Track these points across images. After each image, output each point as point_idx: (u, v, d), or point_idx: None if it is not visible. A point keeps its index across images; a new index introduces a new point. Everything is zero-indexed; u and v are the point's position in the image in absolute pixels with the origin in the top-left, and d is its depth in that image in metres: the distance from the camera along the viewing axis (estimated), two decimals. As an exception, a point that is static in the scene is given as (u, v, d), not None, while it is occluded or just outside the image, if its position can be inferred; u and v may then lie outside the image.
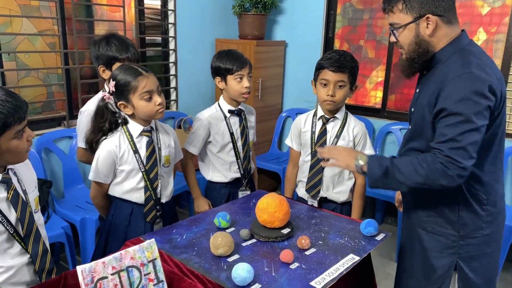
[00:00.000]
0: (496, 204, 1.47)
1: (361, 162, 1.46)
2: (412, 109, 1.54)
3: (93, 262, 1.11)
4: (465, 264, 1.49)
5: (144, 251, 1.21)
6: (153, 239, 1.25)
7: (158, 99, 1.67)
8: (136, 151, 1.72)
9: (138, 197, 1.76)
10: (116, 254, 1.16)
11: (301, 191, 2.08)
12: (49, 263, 1.38)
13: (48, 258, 1.38)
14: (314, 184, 2.00)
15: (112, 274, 1.13)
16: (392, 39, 1.48)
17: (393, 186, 1.44)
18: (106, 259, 1.13)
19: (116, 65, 1.87)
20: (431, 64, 1.46)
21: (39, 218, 1.40)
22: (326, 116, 1.99)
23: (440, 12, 1.38)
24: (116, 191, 1.77)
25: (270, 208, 1.52)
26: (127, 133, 1.72)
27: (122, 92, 1.65)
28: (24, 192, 1.35)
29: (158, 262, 1.24)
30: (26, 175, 1.40)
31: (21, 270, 1.33)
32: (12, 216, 1.30)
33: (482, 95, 1.29)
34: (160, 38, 3.53)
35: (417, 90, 1.53)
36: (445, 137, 1.31)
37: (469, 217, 1.45)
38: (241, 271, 1.23)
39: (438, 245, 1.51)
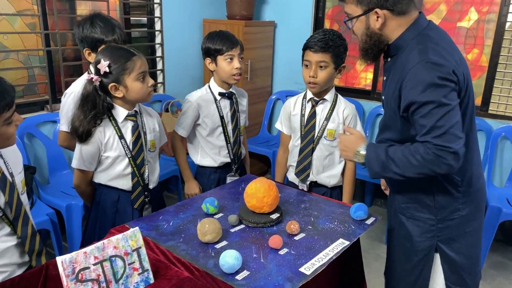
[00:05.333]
0: (471, 184, 1.45)
1: (360, 159, 1.48)
2: (383, 97, 1.53)
3: (74, 253, 1.07)
4: (446, 245, 1.49)
5: (128, 240, 1.18)
6: (137, 228, 1.21)
7: (150, 80, 1.64)
8: (121, 137, 1.66)
9: (125, 183, 1.71)
10: (99, 244, 1.12)
11: (292, 176, 2.05)
12: (39, 245, 1.39)
13: (37, 240, 1.39)
14: (304, 167, 1.97)
15: (94, 265, 1.10)
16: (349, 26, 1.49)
17: (392, 177, 1.41)
18: (87, 249, 1.10)
19: (102, 47, 1.78)
20: (392, 51, 1.44)
21: (24, 199, 1.40)
22: (315, 98, 1.95)
23: (389, 6, 1.36)
24: (101, 178, 1.71)
25: (258, 193, 1.50)
26: (111, 117, 1.66)
27: (115, 73, 1.58)
28: (11, 175, 1.33)
29: (143, 251, 1.20)
30: (12, 157, 1.37)
31: (9, 250, 1.33)
32: (1, 199, 1.28)
33: (445, 79, 1.27)
34: (145, 18, 3.42)
35: (384, 78, 1.52)
36: (426, 127, 1.28)
37: (445, 200, 1.45)
38: (229, 258, 1.21)
39: (418, 230, 1.51)
